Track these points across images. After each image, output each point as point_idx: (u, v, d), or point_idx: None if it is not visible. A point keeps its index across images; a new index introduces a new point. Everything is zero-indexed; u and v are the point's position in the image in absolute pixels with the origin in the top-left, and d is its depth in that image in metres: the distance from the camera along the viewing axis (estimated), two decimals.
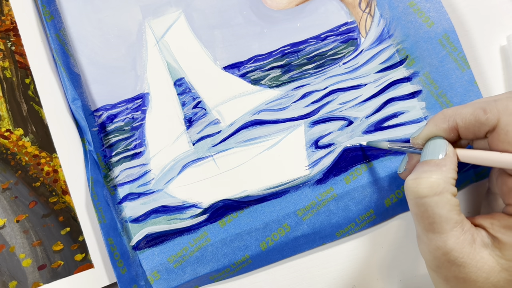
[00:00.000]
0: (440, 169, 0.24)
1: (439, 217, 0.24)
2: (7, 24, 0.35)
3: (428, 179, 0.24)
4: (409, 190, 0.25)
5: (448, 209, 0.24)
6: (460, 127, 0.25)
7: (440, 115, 0.26)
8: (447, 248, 0.24)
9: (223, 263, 0.32)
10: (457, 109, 0.25)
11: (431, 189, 0.24)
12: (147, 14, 0.35)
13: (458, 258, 0.23)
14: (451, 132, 0.25)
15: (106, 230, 0.32)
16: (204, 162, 0.34)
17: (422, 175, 0.24)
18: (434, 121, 0.26)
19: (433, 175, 0.24)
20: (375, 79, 0.34)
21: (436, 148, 0.25)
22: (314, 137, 0.34)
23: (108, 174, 0.34)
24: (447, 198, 0.24)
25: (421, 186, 0.24)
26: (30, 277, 0.32)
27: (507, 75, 0.34)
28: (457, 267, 0.24)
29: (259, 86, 0.35)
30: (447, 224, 0.24)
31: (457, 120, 0.25)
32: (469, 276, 0.23)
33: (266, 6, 0.35)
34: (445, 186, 0.24)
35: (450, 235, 0.24)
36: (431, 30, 0.33)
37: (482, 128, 0.24)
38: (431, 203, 0.24)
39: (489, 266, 0.23)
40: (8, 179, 0.34)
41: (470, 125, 0.24)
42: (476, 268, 0.23)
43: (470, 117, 0.24)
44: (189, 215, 0.33)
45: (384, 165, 0.33)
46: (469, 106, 0.25)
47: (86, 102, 0.34)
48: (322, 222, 0.33)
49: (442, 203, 0.24)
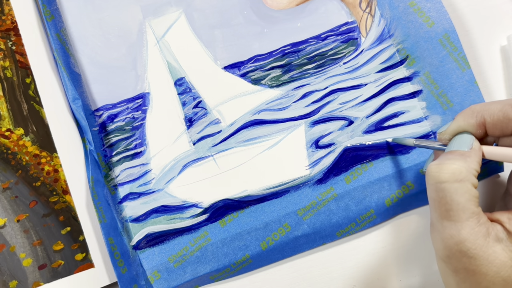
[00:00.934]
0: (464, 159, 0.24)
1: (456, 205, 0.24)
2: (7, 23, 0.35)
3: (451, 165, 0.24)
4: (430, 175, 0.25)
5: (467, 198, 0.24)
6: (488, 123, 0.25)
7: (469, 110, 0.26)
8: (461, 237, 0.24)
9: (223, 262, 0.32)
10: (486, 105, 0.25)
11: (453, 175, 0.24)
12: (148, 13, 0.35)
13: (471, 249, 0.23)
14: (478, 128, 0.25)
15: (107, 230, 0.32)
16: (205, 161, 0.34)
17: (445, 161, 0.25)
18: (462, 116, 0.26)
19: (456, 162, 0.24)
20: (376, 79, 0.34)
21: (462, 141, 0.25)
22: (315, 137, 0.34)
23: (108, 173, 0.34)
24: (467, 187, 0.24)
25: (443, 171, 0.24)
26: (31, 277, 0.32)
27: (507, 75, 0.34)
28: (468, 259, 0.24)
29: (259, 86, 0.35)
30: (463, 213, 0.24)
31: (485, 116, 0.25)
32: (479, 268, 0.23)
33: (267, 6, 0.35)
34: (467, 175, 0.24)
35: (465, 225, 0.24)
36: (432, 30, 0.33)
37: (510, 124, 0.24)
38: (451, 189, 0.24)
39: (501, 260, 0.23)
40: (9, 179, 0.34)
41: (498, 121, 0.24)
42: (487, 261, 0.23)
43: (498, 113, 0.24)
44: (190, 215, 0.33)
45: (384, 165, 0.33)
46: (498, 102, 0.25)
47: (86, 101, 0.34)
48: (322, 222, 0.33)
49: (462, 191, 0.24)
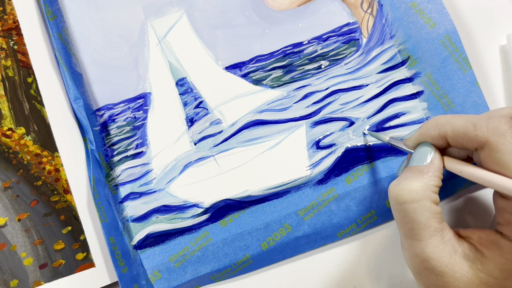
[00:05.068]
0: (422, 176, 0.25)
1: (417, 224, 0.24)
2: (9, 23, 0.35)
3: (408, 186, 0.24)
4: (390, 195, 0.25)
5: (426, 216, 0.24)
6: (449, 136, 0.25)
7: (433, 121, 0.26)
8: (425, 255, 0.24)
9: (224, 263, 0.32)
10: (451, 118, 0.25)
11: (410, 196, 0.24)
12: (149, 14, 0.35)
13: (436, 266, 0.24)
14: (440, 140, 0.25)
15: (108, 229, 0.32)
16: (206, 162, 0.34)
17: (403, 181, 0.25)
18: (425, 127, 0.26)
19: (413, 182, 0.24)
20: (377, 80, 0.34)
21: (422, 154, 0.26)
22: (316, 138, 0.34)
23: (109, 173, 0.34)
24: (426, 205, 0.24)
25: (401, 192, 0.25)
26: (31, 276, 0.32)
27: (507, 76, 0.34)
28: (435, 276, 0.24)
29: (260, 86, 0.35)
30: (425, 231, 0.24)
31: (447, 130, 0.25)
32: (447, 285, 0.23)
33: (268, 6, 0.35)
34: (425, 193, 0.24)
35: (428, 243, 0.24)
36: (433, 31, 0.33)
37: (470, 143, 0.24)
38: (410, 209, 0.24)
39: (468, 278, 0.23)
40: (10, 178, 0.34)
41: (459, 138, 0.24)
42: (454, 278, 0.23)
43: (460, 129, 0.24)
44: (191, 215, 0.33)
45: (385, 165, 0.33)
46: (462, 118, 0.25)
47: (88, 101, 0.34)
48: (323, 222, 0.33)
49: (421, 210, 0.24)
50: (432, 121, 0.26)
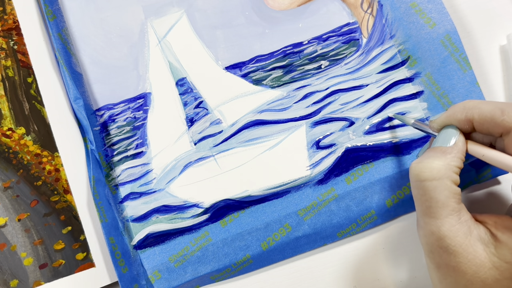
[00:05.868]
0: (444, 156, 0.25)
1: (435, 202, 0.24)
2: (9, 23, 0.35)
3: (430, 164, 0.25)
4: (411, 173, 0.26)
5: (446, 195, 0.24)
6: (476, 121, 0.25)
7: (461, 105, 0.26)
8: (440, 234, 0.24)
9: (224, 263, 0.32)
10: (479, 103, 0.25)
11: (432, 174, 0.24)
12: (149, 14, 0.35)
13: (450, 245, 0.24)
14: (466, 124, 0.26)
15: (108, 229, 0.32)
16: (206, 162, 0.34)
17: (425, 160, 0.25)
18: (452, 110, 0.26)
19: (435, 160, 0.25)
20: (377, 80, 0.34)
21: (447, 136, 0.26)
22: (316, 138, 0.34)
23: (109, 173, 0.34)
24: (447, 184, 0.24)
25: (422, 169, 0.25)
26: (31, 276, 0.32)
27: (507, 76, 0.34)
28: (448, 255, 0.24)
29: (260, 87, 0.35)
30: (443, 209, 0.24)
31: (474, 114, 0.25)
32: (459, 266, 0.24)
33: (268, 6, 0.35)
34: (446, 173, 0.24)
35: (445, 221, 0.24)
36: (433, 31, 0.33)
37: (497, 128, 0.24)
38: (430, 187, 0.24)
39: (481, 260, 0.23)
40: (10, 178, 0.34)
41: (485, 122, 0.25)
42: (467, 259, 0.24)
43: (487, 114, 0.24)
44: (191, 215, 0.33)
45: (385, 165, 0.33)
46: (490, 103, 0.25)
47: (88, 101, 0.34)
48: (323, 222, 0.33)
49: (441, 188, 0.24)
50: (460, 105, 0.26)
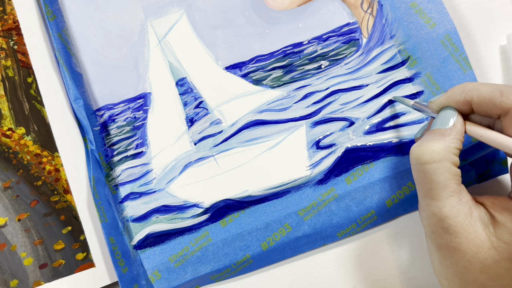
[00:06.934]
0: (443, 138, 0.25)
1: (436, 184, 0.24)
2: (9, 23, 0.35)
3: (429, 147, 0.25)
4: (412, 156, 0.26)
5: (446, 177, 0.24)
6: (474, 102, 0.25)
7: (460, 86, 0.26)
8: (442, 214, 0.24)
9: (224, 263, 0.32)
10: (478, 85, 0.26)
11: (431, 157, 0.25)
12: (149, 14, 0.35)
13: (451, 226, 0.24)
14: (464, 105, 0.26)
15: (108, 229, 0.32)
16: (206, 162, 0.34)
17: (425, 143, 0.25)
18: (452, 92, 0.26)
19: (435, 143, 0.25)
20: (377, 80, 0.34)
21: (445, 117, 0.26)
22: (316, 138, 0.34)
23: (109, 173, 0.34)
24: (446, 166, 0.24)
25: (422, 152, 0.25)
26: (31, 276, 0.32)
27: (507, 76, 0.34)
28: (449, 235, 0.24)
29: (260, 87, 0.35)
30: (443, 191, 0.24)
31: (473, 96, 0.25)
32: (459, 246, 0.24)
33: (268, 6, 0.35)
34: (445, 155, 0.25)
35: (446, 203, 0.24)
36: (433, 31, 0.33)
37: (495, 109, 0.24)
38: (430, 169, 0.25)
39: (480, 240, 0.24)
40: (10, 178, 0.34)
41: (483, 103, 0.25)
42: (467, 240, 0.24)
43: (486, 95, 0.25)
44: (191, 215, 0.33)
45: (385, 165, 0.33)
46: (489, 85, 0.25)
47: (88, 101, 0.34)
48: (323, 222, 0.33)
49: (441, 170, 0.24)
50: (459, 87, 0.26)
